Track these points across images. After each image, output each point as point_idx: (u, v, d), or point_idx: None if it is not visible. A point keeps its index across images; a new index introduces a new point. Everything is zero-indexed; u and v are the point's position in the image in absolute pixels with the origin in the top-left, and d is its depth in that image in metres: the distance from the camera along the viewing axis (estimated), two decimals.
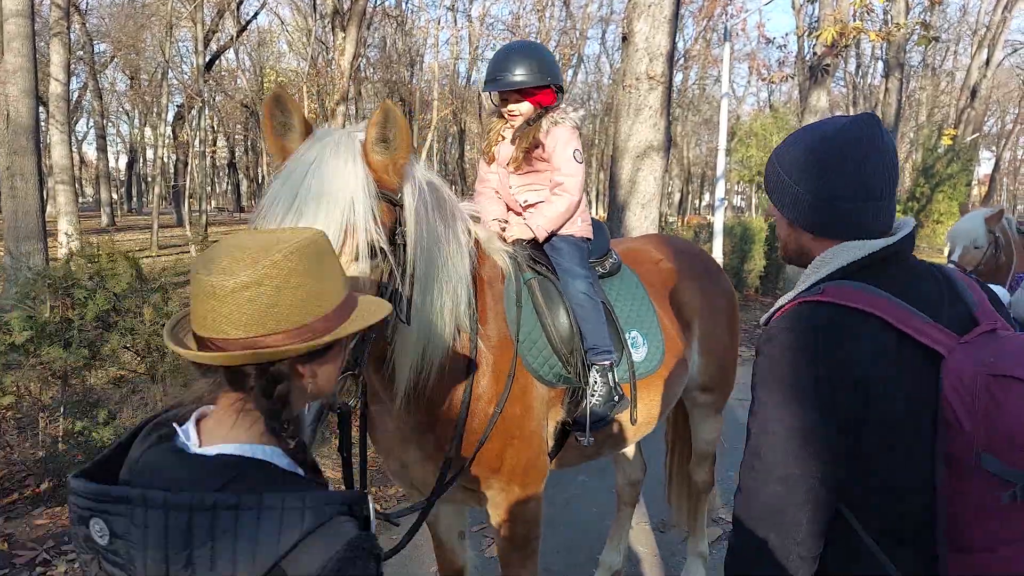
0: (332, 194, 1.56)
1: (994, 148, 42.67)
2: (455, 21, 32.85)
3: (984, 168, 43.20)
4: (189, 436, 1.05)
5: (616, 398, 2.35)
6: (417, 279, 1.83)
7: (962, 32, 33.33)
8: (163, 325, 5.06)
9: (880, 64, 29.04)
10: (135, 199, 48.73)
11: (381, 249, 1.64)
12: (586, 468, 4.23)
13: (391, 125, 1.67)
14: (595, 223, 2.65)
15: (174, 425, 1.08)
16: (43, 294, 4.41)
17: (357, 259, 1.59)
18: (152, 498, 0.94)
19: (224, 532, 0.93)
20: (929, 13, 12.34)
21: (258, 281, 0.99)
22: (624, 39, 7.39)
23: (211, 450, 1.03)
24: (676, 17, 7.27)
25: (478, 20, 32.31)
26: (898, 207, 20.84)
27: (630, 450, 3.50)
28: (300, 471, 1.09)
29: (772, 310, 1.44)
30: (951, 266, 2.78)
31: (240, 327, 1.00)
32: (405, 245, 1.75)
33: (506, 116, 2.53)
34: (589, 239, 2.55)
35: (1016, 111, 39.80)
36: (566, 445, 2.43)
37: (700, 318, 2.91)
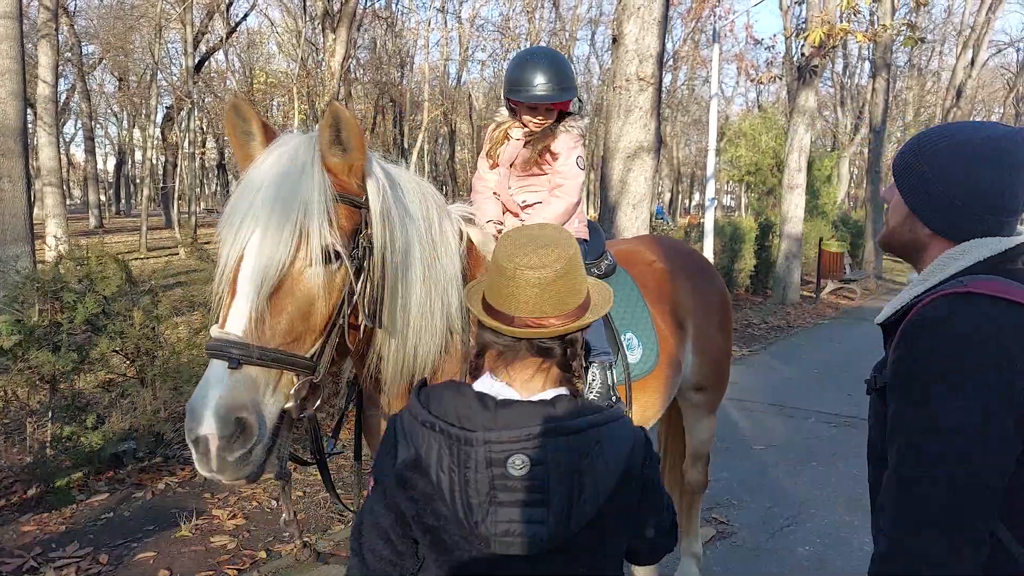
0: (285, 199, 1.56)
1: None
2: (445, 23, 32.81)
3: None
4: (503, 392, 1.29)
5: (613, 398, 2.35)
6: (392, 281, 1.81)
7: (947, 33, 33.61)
8: (153, 328, 5.04)
9: (867, 64, 29.25)
10: (123, 201, 48.40)
11: (336, 253, 1.62)
12: None
13: (342, 127, 1.64)
14: (591, 225, 2.66)
15: (470, 385, 1.33)
16: (32, 298, 4.37)
17: (311, 264, 1.59)
18: (564, 427, 1.21)
19: (601, 441, 1.23)
20: (915, 14, 12.42)
21: (566, 272, 1.26)
22: (614, 40, 7.39)
23: (547, 394, 1.29)
24: (665, 19, 7.29)
25: (468, 22, 32.29)
26: (884, 207, 21.09)
27: None
28: None
29: (903, 304, 1.37)
30: None
31: (556, 309, 1.26)
32: (371, 248, 1.73)
33: (529, 124, 2.52)
34: (586, 240, 2.56)
35: (1001, 111, 40.14)
36: None
37: (694, 318, 2.91)
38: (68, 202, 25.90)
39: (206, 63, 30.15)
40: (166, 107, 29.20)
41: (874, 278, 17.46)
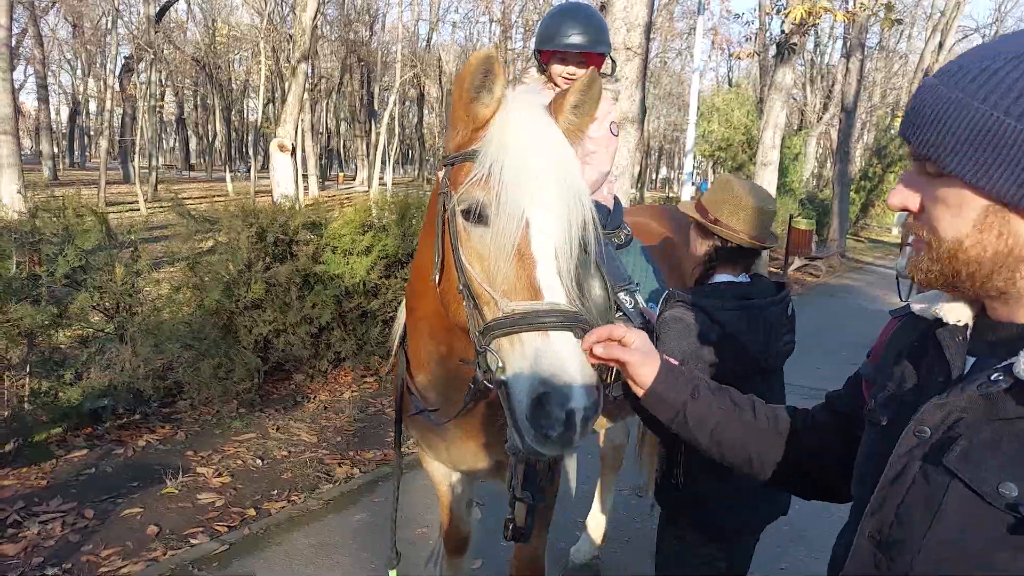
0: (565, 163, 1.47)
1: None
2: None
3: None
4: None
5: (645, 317, 2.34)
6: None
7: (917, 15, 34.10)
8: (132, 284, 4.92)
9: (837, 43, 29.55)
10: (77, 153, 46.66)
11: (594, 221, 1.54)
12: None
13: (590, 93, 1.57)
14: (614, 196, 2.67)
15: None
16: (8, 249, 4.23)
17: (586, 251, 1.51)
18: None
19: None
20: None
21: None
22: (602, 8, 7.33)
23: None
24: None
25: None
26: (851, 187, 21.38)
27: None
28: None
29: None
30: None
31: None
32: None
33: (559, 80, 2.48)
34: (609, 210, 2.57)
35: None
36: None
37: None
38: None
39: (166, 13, 29.00)
40: (125, 57, 28.07)
41: (839, 256, 17.89)
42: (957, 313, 0.99)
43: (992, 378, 0.86)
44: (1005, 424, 0.85)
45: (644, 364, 1.30)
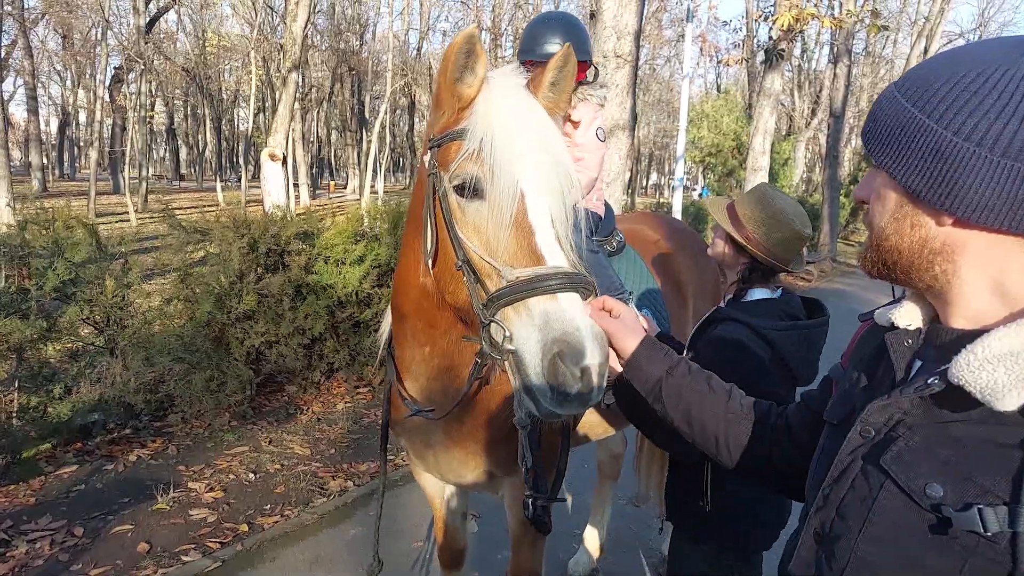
0: (552, 136, 1.52)
1: None
2: None
3: None
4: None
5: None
6: None
7: (902, 21, 34.38)
8: (123, 297, 4.87)
9: (825, 49, 29.77)
10: (67, 164, 46.43)
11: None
12: None
13: (565, 73, 1.63)
14: (605, 203, 2.66)
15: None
16: None
17: (578, 197, 1.55)
18: None
19: None
20: (875, 1, 12.64)
21: None
22: (591, 16, 7.35)
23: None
24: None
25: None
26: (841, 191, 21.53)
27: None
28: None
29: None
30: None
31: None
32: None
33: None
34: (600, 217, 2.55)
35: None
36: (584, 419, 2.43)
37: (695, 296, 2.96)
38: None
39: (156, 23, 28.94)
40: (115, 67, 27.98)
41: (830, 261, 17.96)
42: (909, 317, 1.01)
43: (928, 381, 0.88)
44: (940, 427, 0.88)
45: (628, 337, 1.40)
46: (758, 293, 2.01)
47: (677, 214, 11.10)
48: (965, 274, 0.90)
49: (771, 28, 11.55)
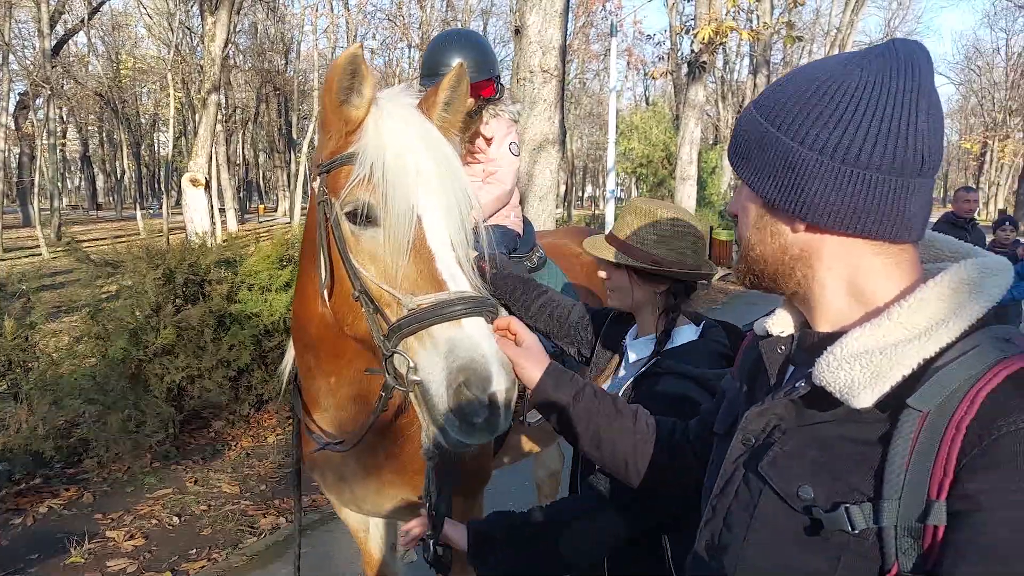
0: (448, 158, 1.46)
1: None
2: (332, 8, 31.79)
3: None
4: None
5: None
6: None
7: (816, 32, 36.03)
8: (26, 338, 4.54)
9: (745, 60, 30.85)
10: None
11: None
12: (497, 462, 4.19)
13: (459, 91, 1.59)
14: (524, 219, 2.61)
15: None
16: None
17: (477, 219, 1.51)
18: None
19: None
20: (790, 13, 13.16)
21: None
22: (516, 32, 7.35)
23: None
24: (567, 11, 7.32)
25: (357, 8, 31.45)
26: None
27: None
28: None
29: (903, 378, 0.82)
30: None
31: None
32: None
33: None
34: (519, 235, 2.50)
35: None
36: (505, 442, 2.36)
37: None
38: None
39: (64, 46, 27.75)
40: (19, 93, 26.66)
41: None
42: (781, 324, 1.03)
43: (796, 385, 0.91)
44: (809, 429, 0.90)
45: (533, 367, 1.36)
46: (685, 333, 1.73)
47: (609, 225, 11.22)
48: (823, 278, 0.92)
49: (693, 41, 11.86)
